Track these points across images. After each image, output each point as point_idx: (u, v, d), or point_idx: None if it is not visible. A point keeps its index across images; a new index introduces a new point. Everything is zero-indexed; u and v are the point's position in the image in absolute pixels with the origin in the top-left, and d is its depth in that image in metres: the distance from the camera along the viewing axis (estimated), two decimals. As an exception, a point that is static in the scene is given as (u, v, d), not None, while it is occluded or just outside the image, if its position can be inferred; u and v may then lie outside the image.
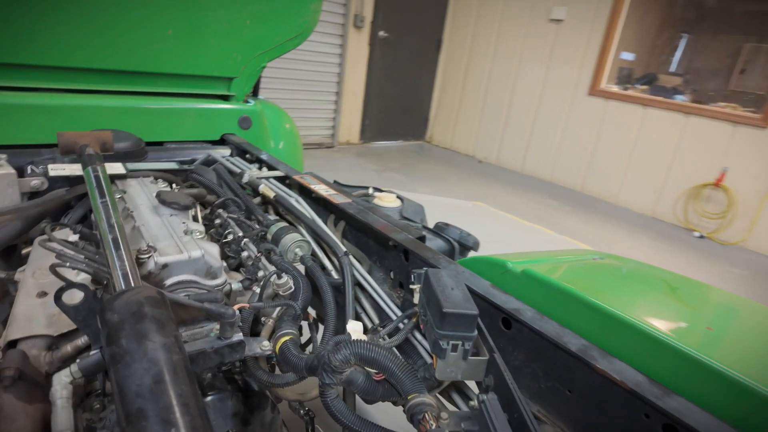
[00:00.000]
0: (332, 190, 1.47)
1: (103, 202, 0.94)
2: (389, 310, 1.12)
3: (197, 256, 0.98)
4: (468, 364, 0.84)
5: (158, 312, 0.72)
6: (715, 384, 0.71)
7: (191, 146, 1.96)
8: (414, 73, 8.02)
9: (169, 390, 0.62)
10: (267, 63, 2.20)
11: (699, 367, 0.72)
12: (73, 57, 1.67)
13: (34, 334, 0.89)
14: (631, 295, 0.97)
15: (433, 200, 5.39)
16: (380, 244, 1.28)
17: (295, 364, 0.91)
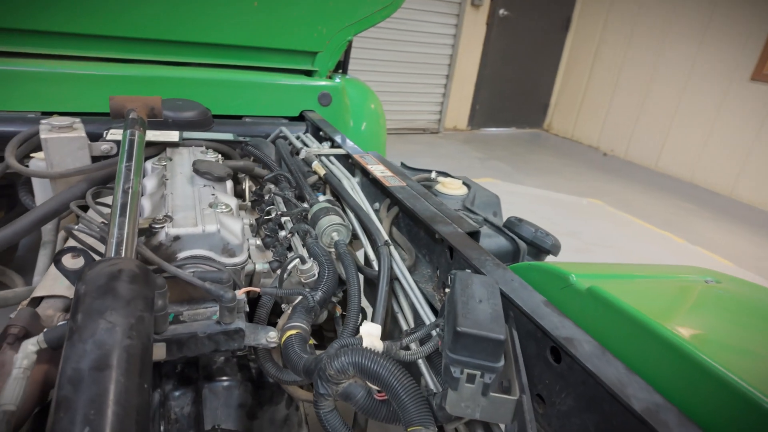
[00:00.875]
0: (389, 171, 1.32)
1: (126, 166, 0.91)
2: (423, 313, 0.95)
3: (212, 230, 0.91)
4: (489, 401, 0.65)
5: (130, 288, 0.65)
6: None
7: (269, 121, 1.95)
8: (535, 55, 7.41)
9: (105, 381, 0.54)
10: (353, 36, 2.10)
11: None
12: (159, 29, 1.73)
13: (54, 294, 0.90)
14: (748, 341, 0.68)
15: (539, 194, 4.94)
16: (429, 236, 1.10)
17: (294, 364, 0.79)
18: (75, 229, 0.85)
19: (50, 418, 0.51)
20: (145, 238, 0.87)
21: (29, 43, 1.66)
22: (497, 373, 0.63)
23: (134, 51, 1.80)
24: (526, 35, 7.09)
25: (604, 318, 0.70)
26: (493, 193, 1.47)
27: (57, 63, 1.66)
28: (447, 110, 6.91)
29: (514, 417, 0.65)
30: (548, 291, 0.80)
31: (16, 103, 1.61)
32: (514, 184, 5.12)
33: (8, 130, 1.52)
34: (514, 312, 0.78)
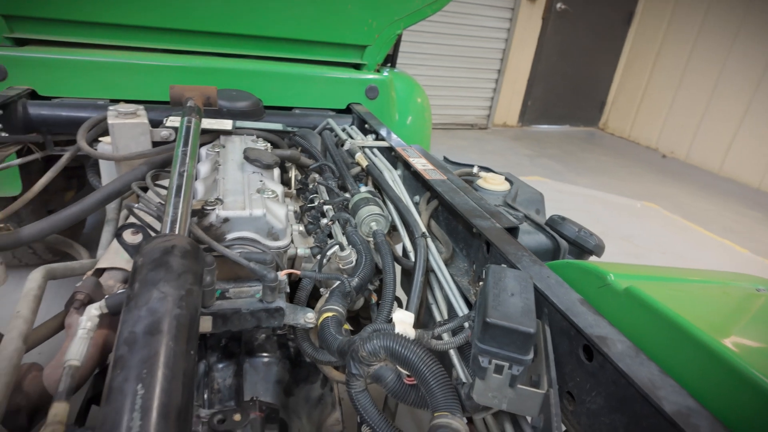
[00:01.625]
0: (430, 165, 1.33)
1: (183, 151, 0.97)
2: (457, 305, 0.96)
3: (258, 214, 0.96)
4: (517, 393, 0.65)
5: (182, 262, 0.70)
6: None
7: (317, 113, 2.00)
8: (593, 50, 7.12)
9: (157, 344, 0.59)
10: (403, 30, 2.12)
11: None
12: (217, 22, 1.82)
13: (115, 266, 0.98)
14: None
15: (591, 194, 4.76)
16: (467, 231, 1.11)
17: (329, 344, 0.83)
18: (135, 207, 0.92)
19: (108, 374, 0.56)
20: (198, 219, 0.93)
21: (99, 35, 1.79)
22: (525, 366, 0.63)
23: (194, 43, 1.90)
24: (584, 30, 6.82)
25: (640, 319, 0.68)
26: (536, 190, 1.44)
27: (124, 54, 1.78)
28: (497, 106, 6.78)
29: (540, 411, 0.65)
30: (585, 290, 0.79)
31: (88, 91, 1.74)
32: (565, 183, 4.96)
33: (80, 116, 1.65)
34: (548, 309, 0.78)
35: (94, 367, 0.88)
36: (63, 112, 1.65)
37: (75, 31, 1.76)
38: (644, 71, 7.16)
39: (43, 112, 1.63)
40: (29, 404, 0.80)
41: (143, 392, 0.53)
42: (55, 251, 2.20)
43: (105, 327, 0.90)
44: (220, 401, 0.92)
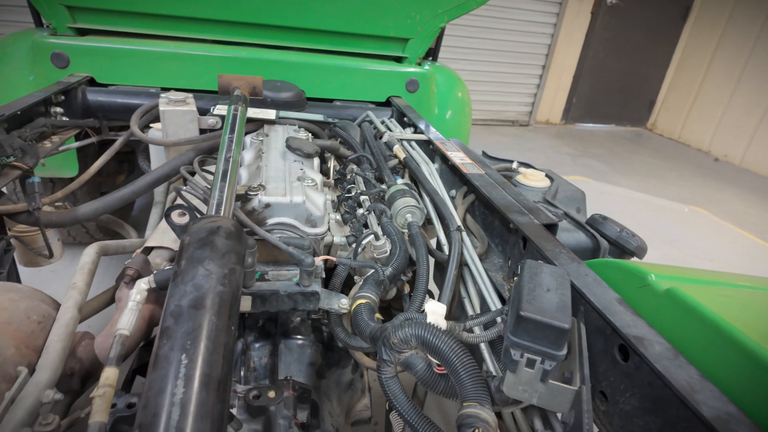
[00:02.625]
0: (468, 159, 1.32)
1: (229, 138, 1.01)
2: (491, 300, 0.96)
3: (298, 201, 0.98)
4: (548, 388, 0.65)
5: (226, 243, 0.74)
6: None
7: (357, 105, 2.02)
8: (645, 46, 6.83)
9: (200, 318, 0.62)
10: (446, 23, 2.10)
11: None
12: (264, 14, 1.86)
13: (162, 245, 1.03)
14: None
15: (636, 197, 4.59)
16: (503, 226, 1.10)
17: (362, 330, 0.85)
18: (183, 190, 0.97)
19: (155, 343, 0.60)
20: (241, 203, 0.96)
21: (154, 26, 1.87)
22: (558, 362, 0.63)
23: (241, 34, 1.95)
24: (636, 25, 6.54)
25: (681, 321, 0.67)
26: (577, 188, 1.41)
27: (176, 44, 1.85)
28: (540, 102, 6.62)
29: (571, 407, 0.64)
30: (624, 289, 0.77)
31: (141, 79, 1.82)
32: (609, 184, 4.80)
33: (134, 102, 1.74)
34: (584, 306, 0.77)
35: (141, 339, 0.93)
36: (118, 98, 1.74)
37: (131, 22, 1.84)
38: (699, 69, 6.81)
39: (100, 98, 1.72)
40: (81, 369, 0.86)
41: (186, 362, 0.57)
42: (106, 230, 2.33)
43: (152, 302, 0.95)
44: (255, 379, 0.95)
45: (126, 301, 0.92)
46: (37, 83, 1.75)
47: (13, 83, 1.78)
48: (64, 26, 1.77)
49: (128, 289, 0.92)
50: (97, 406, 0.59)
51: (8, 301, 0.87)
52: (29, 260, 1.49)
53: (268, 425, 0.77)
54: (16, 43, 1.78)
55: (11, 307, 0.86)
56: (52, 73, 1.74)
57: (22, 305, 0.88)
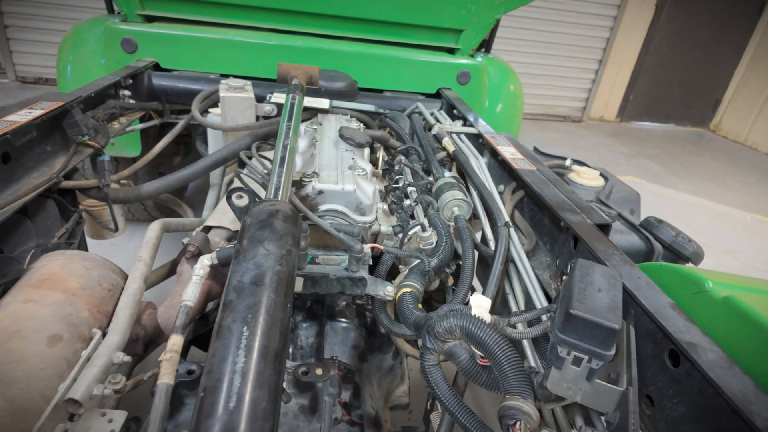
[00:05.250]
0: (519, 154, 1.31)
1: (287, 126, 1.05)
2: (537, 298, 0.96)
3: (349, 189, 1.01)
4: (593, 387, 0.65)
5: (284, 225, 0.77)
6: None
7: (406, 97, 2.02)
8: (712, 42, 6.42)
9: (260, 294, 0.66)
10: (501, 15, 2.07)
11: None
12: (317, 3, 1.89)
13: (221, 225, 1.09)
14: None
15: (694, 202, 4.36)
16: (553, 224, 1.09)
17: (406, 318, 0.87)
18: (242, 173, 1.02)
19: (218, 315, 0.64)
20: (296, 189, 1.00)
21: (213, 13, 1.94)
22: (605, 362, 0.63)
23: (297, 23, 2.00)
24: (704, 19, 6.15)
25: (738, 331, 0.65)
26: (632, 189, 1.37)
27: (235, 32, 1.92)
28: (595, 98, 6.36)
29: (616, 408, 0.64)
30: (678, 295, 0.75)
31: (202, 65, 1.90)
32: (664, 187, 4.58)
33: (194, 88, 1.82)
34: (635, 310, 0.75)
35: (200, 311, 0.99)
36: (180, 83, 1.83)
37: (195, 9, 1.93)
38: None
39: (164, 82, 1.82)
40: (145, 335, 0.93)
41: (247, 334, 0.60)
42: (162, 208, 2.46)
43: (210, 278, 1.01)
44: (302, 357, 1.00)
45: (188, 275, 0.98)
46: (108, 66, 1.86)
47: (87, 66, 1.90)
48: (134, 13, 1.87)
49: (189, 264, 0.98)
50: (164, 368, 0.64)
51: (83, 268, 0.95)
52: (96, 233, 1.61)
53: (314, 401, 0.81)
54: (90, 28, 1.90)
55: (86, 274, 0.94)
56: (121, 57, 1.85)
57: (95, 273, 0.96)
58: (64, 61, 1.93)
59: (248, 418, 0.53)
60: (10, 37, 4.57)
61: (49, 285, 0.88)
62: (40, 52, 4.70)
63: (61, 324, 0.82)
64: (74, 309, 0.86)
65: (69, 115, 1.27)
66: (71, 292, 0.88)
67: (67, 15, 4.59)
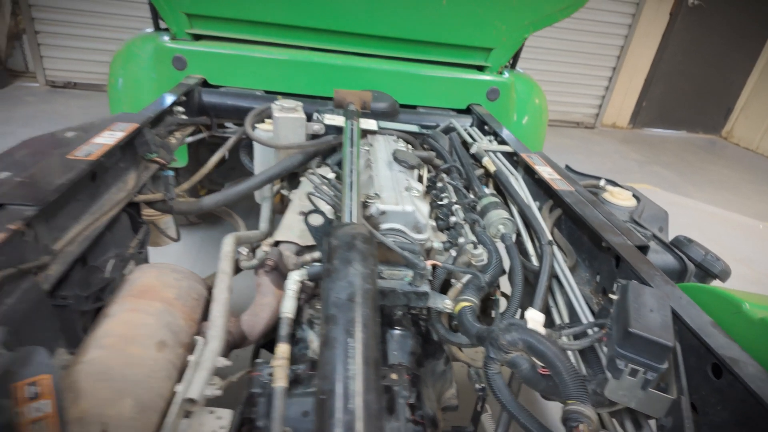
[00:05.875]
0: (557, 174, 1.40)
1: (351, 151, 1.15)
2: (582, 312, 1.05)
3: (409, 210, 1.11)
4: (646, 395, 0.75)
5: (365, 247, 0.88)
6: None
7: (438, 112, 2.12)
8: (725, 50, 6.46)
9: (356, 309, 0.76)
10: (530, 34, 2.16)
11: None
12: (354, 23, 2.00)
13: (289, 240, 1.19)
14: None
15: (708, 210, 4.43)
16: (593, 243, 1.18)
17: (468, 330, 0.97)
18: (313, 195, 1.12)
19: (323, 327, 0.74)
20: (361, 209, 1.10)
21: (257, 32, 2.05)
22: (659, 373, 0.72)
23: (334, 42, 2.10)
24: (718, 27, 6.20)
25: (775, 349, 0.74)
26: (661, 208, 1.46)
27: (276, 50, 2.02)
28: (608, 105, 6.43)
29: (667, 413, 0.74)
30: (716, 314, 0.84)
31: (247, 82, 2.01)
32: (679, 195, 4.65)
33: (240, 104, 1.93)
34: (678, 326, 0.85)
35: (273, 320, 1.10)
36: (228, 100, 1.94)
37: (240, 28, 2.03)
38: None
39: (212, 99, 1.92)
40: (231, 341, 1.04)
41: (352, 344, 0.71)
42: (203, 216, 2.58)
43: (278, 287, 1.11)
44: (366, 362, 1.10)
45: (267, 287, 1.09)
46: (159, 81, 1.98)
47: (138, 80, 2.02)
48: (183, 31, 1.98)
49: (268, 276, 1.09)
50: (278, 374, 0.74)
51: (174, 279, 1.06)
52: (153, 241, 1.72)
53: (391, 403, 0.91)
54: (142, 45, 2.01)
55: (177, 285, 1.05)
56: (171, 73, 1.96)
57: (185, 284, 1.06)
58: (116, 74, 2.05)
59: (365, 417, 0.63)
60: (41, 43, 4.71)
61: (149, 295, 0.98)
62: (69, 57, 4.84)
63: (164, 331, 0.93)
64: (173, 317, 0.97)
65: (140, 134, 1.38)
66: (168, 302, 0.99)
67: (96, 21, 4.73)
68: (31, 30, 4.63)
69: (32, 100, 4.49)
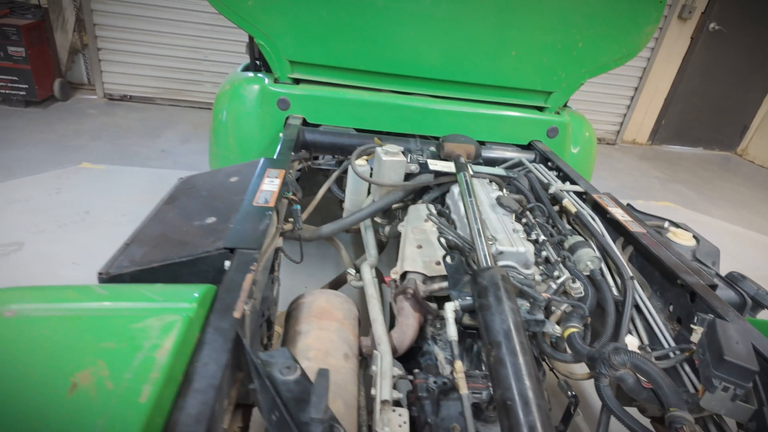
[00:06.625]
0: (628, 216, 1.67)
1: (470, 201, 1.42)
2: (663, 338, 1.31)
3: (522, 251, 1.38)
4: (735, 405, 1.01)
5: (507, 286, 1.15)
6: None
7: (502, 148, 2.39)
8: (744, 72, 6.70)
9: (515, 336, 1.03)
10: (586, 80, 2.42)
11: None
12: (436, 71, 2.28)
13: (418, 271, 1.46)
14: None
15: (729, 229, 4.67)
16: (666, 278, 1.44)
17: (579, 351, 1.23)
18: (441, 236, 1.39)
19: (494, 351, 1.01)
20: (483, 250, 1.36)
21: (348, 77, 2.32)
22: (746, 390, 0.98)
23: (414, 86, 2.38)
24: (737, 51, 6.44)
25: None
26: (713, 245, 1.72)
27: (365, 93, 2.30)
28: (629, 122, 6.69)
29: (750, 419, 1.00)
30: (779, 343, 1.10)
31: (339, 120, 2.29)
32: (699, 213, 4.89)
33: (335, 141, 2.20)
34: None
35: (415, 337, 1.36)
36: (325, 138, 2.21)
37: (333, 74, 2.31)
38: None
39: (312, 137, 2.20)
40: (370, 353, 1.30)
41: (521, 364, 0.97)
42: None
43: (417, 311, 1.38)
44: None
45: (408, 310, 1.36)
46: (263, 118, 2.25)
47: (243, 116, 2.30)
48: (286, 76, 2.25)
49: (408, 302, 1.36)
50: (461, 384, 1.01)
51: (338, 302, 1.33)
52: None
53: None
54: (248, 86, 2.29)
55: (342, 307, 1.32)
56: (275, 113, 2.24)
57: (345, 306, 1.33)
58: (221, 108, 2.33)
59: (541, 418, 0.89)
60: (101, 59, 5.02)
61: (326, 316, 1.25)
62: (125, 72, 5.15)
63: (345, 345, 1.20)
64: (346, 334, 1.24)
65: (285, 177, 1.65)
66: (340, 321, 1.26)
67: (151, 40, 5.03)
68: (94, 47, 4.94)
69: (94, 112, 4.79)
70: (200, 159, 4.18)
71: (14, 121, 4.35)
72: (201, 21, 5.02)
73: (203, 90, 5.41)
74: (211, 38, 5.13)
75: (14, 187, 3.27)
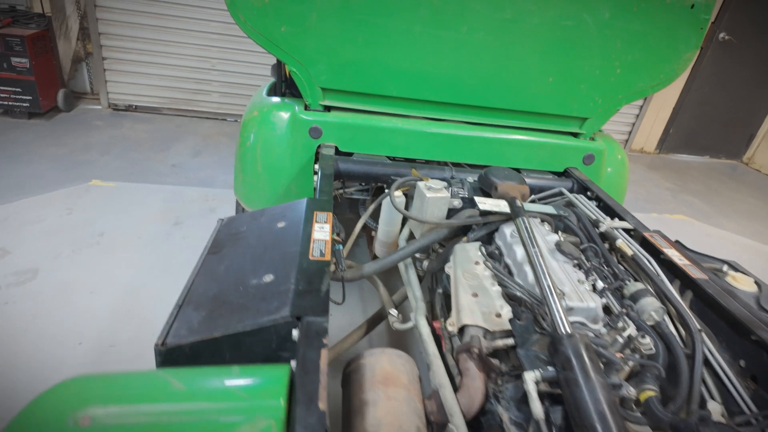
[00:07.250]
0: (686, 259, 1.61)
1: (535, 252, 1.35)
2: (741, 400, 1.26)
3: (592, 306, 1.31)
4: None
5: (591, 355, 1.08)
6: None
7: (537, 175, 2.33)
8: (752, 82, 6.70)
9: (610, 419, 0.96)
10: (622, 106, 2.37)
11: None
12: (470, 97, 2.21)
13: (478, 324, 1.39)
14: None
15: (743, 242, 4.65)
16: (735, 330, 1.39)
17: (660, 419, 1.17)
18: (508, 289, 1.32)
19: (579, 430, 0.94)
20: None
21: (382, 104, 2.25)
22: None
23: (448, 112, 2.31)
24: (747, 61, 6.43)
25: None
26: (770, 288, 1.67)
27: (399, 120, 2.23)
28: (637, 132, 6.67)
29: None
30: None
31: (374, 149, 2.22)
32: (713, 226, 4.87)
33: (368, 170, 2.13)
34: None
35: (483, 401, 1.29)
36: (357, 167, 2.14)
37: (365, 101, 2.23)
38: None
39: (347, 166, 2.12)
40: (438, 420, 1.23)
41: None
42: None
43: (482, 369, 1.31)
44: None
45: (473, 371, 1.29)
46: (294, 148, 2.18)
47: (271, 142, 2.22)
48: (317, 103, 2.18)
49: (473, 362, 1.29)
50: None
51: (401, 364, 1.26)
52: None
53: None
54: (278, 113, 2.21)
55: (404, 369, 1.25)
56: (306, 140, 2.16)
57: (408, 367, 1.26)
58: (248, 132, 2.25)
59: None
60: (107, 68, 4.90)
61: (392, 382, 1.18)
62: (131, 82, 5.03)
63: (415, 417, 1.13)
64: (414, 402, 1.17)
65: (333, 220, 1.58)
66: (406, 387, 1.19)
67: (158, 49, 4.92)
68: (99, 56, 4.82)
69: (101, 124, 4.68)
70: (213, 174, 4.09)
71: (20, 134, 4.23)
72: (208, 30, 4.92)
73: (211, 100, 5.30)
74: (219, 47, 5.03)
75: (25, 207, 3.17)
